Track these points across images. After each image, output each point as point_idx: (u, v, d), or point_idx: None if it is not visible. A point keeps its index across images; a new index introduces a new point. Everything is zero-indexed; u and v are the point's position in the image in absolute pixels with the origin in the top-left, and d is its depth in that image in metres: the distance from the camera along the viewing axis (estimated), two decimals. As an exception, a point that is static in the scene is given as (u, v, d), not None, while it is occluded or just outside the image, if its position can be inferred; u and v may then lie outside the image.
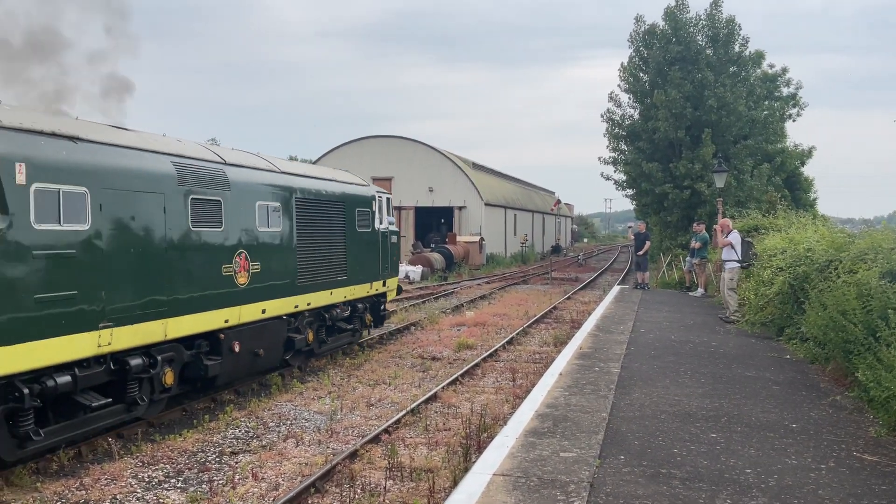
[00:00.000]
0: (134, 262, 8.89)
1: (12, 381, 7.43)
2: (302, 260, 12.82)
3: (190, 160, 10.28)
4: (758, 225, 21.08)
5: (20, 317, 7.33)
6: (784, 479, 5.96)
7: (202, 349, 10.53)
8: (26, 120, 7.86)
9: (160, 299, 9.28)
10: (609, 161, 37.36)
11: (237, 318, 10.98)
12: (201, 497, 7.56)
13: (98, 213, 8.33)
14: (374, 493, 7.55)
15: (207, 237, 10.32)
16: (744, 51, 34.85)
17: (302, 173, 13.61)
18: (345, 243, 14.50)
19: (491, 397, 11.72)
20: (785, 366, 10.84)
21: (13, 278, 7.26)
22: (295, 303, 12.67)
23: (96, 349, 8.30)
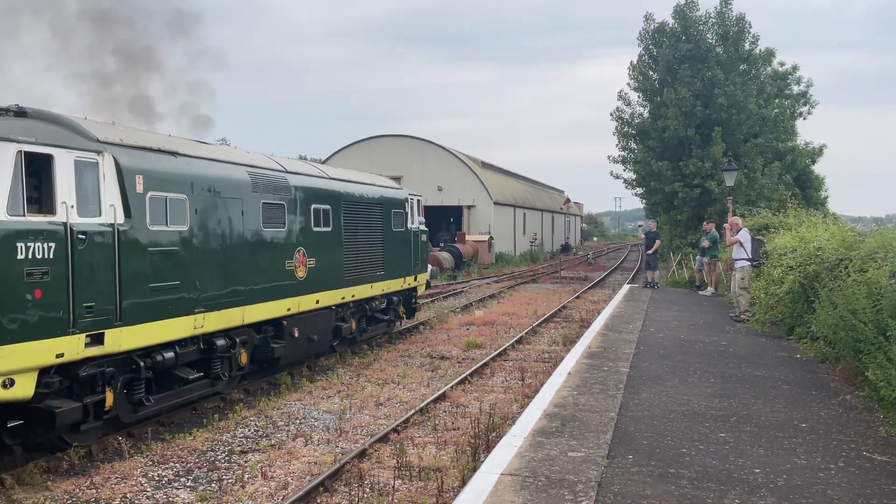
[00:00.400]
0: (220, 257, 10.41)
1: (131, 356, 8.91)
2: (348, 256, 14.28)
3: (260, 169, 11.86)
4: (768, 223, 20.99)
5: (140, 302, 8.83)
6: (793, 478, 5.94)
7: (269, 334, 11.93)
8: (141, 139, 9.50)
9: (240, 289, 10.82)
10: (618, 160, 37.30)
11: (297, 308, 12.45)
12: (211, 496, 7.59)
13: (194, 216, 9.88)
14: (382, 493, 7.57)
15: (274, 236, 11.83)
16: (754, 49, 34.72)
17: (346, 178, 15.16)
18: (382, 241, 15.96)
19: (500, 396, 11.72)
20: (795, 365, 10.80)
21: (134, 270, 8.78)
22: (342, 295, 14.13)
23: (192, 331, 9.84)
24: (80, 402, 8.22)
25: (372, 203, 15.60)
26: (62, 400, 8.08)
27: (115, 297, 8.47)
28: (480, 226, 45.95)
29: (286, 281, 12.08)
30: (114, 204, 8.56)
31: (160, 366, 9.36)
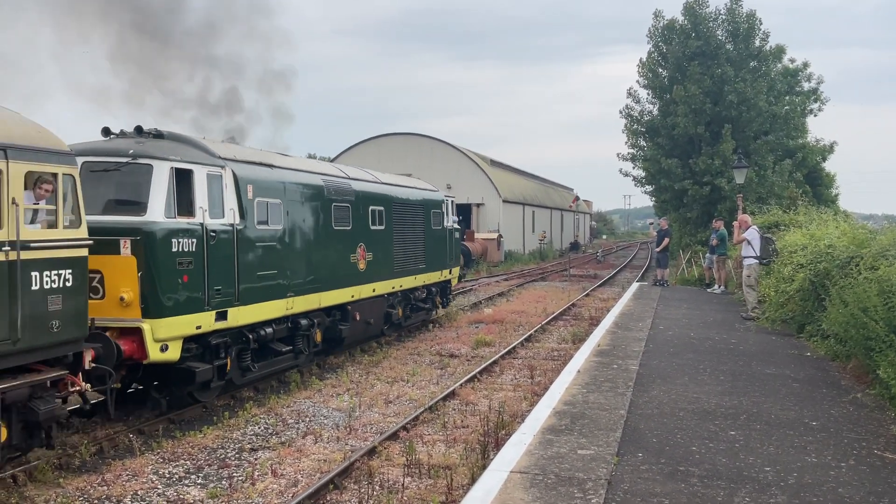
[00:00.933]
0: (304, 250, 12.42)
1: (242, 330, 10.83)
2: (397, 251, 16.25)
3: (330, 177, 13.93)
4: (778, 221, 20.91)
5: (251, 287, 10.82)
6: (804, 477, 5.92)
7: (336, 317, 13.83)
8: (248, 154, 11.68)
9: (318, 278, 12.76)
10: (628, 157, 37.17)
11: (358, 295, 14.43)
12: (221, 493, 7.63)
13: (286, 217, 11.89)
14: (392, 490, 7.58)
15: (342, 234, 13.84)
16: (764, 45, 34.52)
17: (395, 183, 17.33)
18: (424, 238, 17.91)
19: (509, 394, 11.72)
20: (805, 363, 10.76)
21: (247, 261, 10.81)
22: (392, 285, 16.11)
23: (284, 311, 11.78)
24: (211, 365, 10.27)
25: (416, 204, 17.73)
26: (198, 363, 10.04)
27: (235, 282, 10.53)
28: (489, 224, 45.93)
29: (351, 272, 14.13)
30: (233, 208, 10.60)
31: (262, 339, 11.33)
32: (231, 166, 10.75)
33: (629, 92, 36.55)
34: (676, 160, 33.60)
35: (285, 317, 11.90)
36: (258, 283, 11.02)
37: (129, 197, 9.57)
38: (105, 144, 10.09)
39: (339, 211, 13.71)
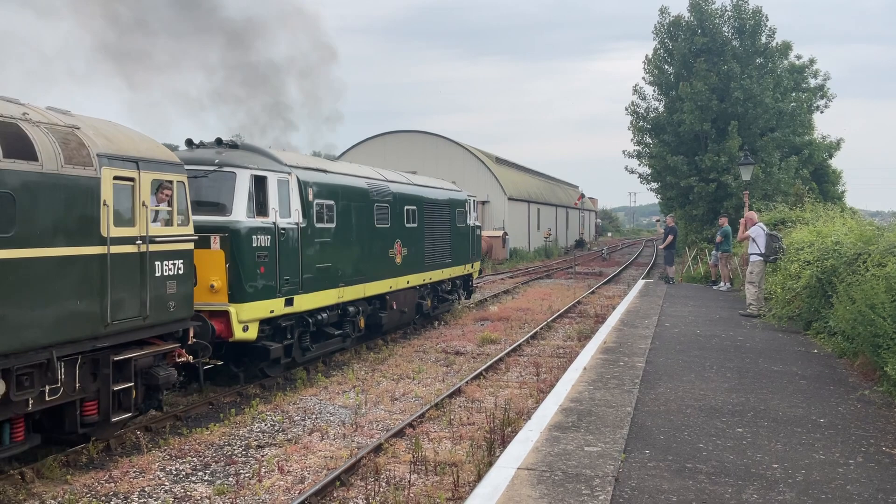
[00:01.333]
0: (352, 246, 14.06)
1: (303, 315, 12.40)
2: (427, 247, 17.89)
3: (372, 180, 15.58)
4: (785, 218, 20.85)
5: (311, 277, 12.47)
6: (811, 474, 5.90)
7: (376, 306, 15.36)
8: (308, 161, 13.53)
9: (363, 270, 14.37)
10: (633, 154, 37.18)
11: (395, 286, 16.04)
12: (228, 490, 7.64)
13: (338, 216, 13.51)
14: (398, 487, 7.59)
15: (382, 231, 15.43)
16: (770, 42, 34.48)
17: (426, 184, 19.02)
18: (450, 235, 19.58)
19: (515, 392, 11.72)
20: (812, 360, 10.72)
21: (309, 255, 12.42)
22: (423, 277, 17.69)
23: (336, 299, 13.42)
24: (281, 344, 11.84)
25: (443, 204, 19.37)
26: (271, 342, 11.61)
27: (299, 273, 12.12)
28: (494, 221, 45.90)
29: (389, 265, 15.74)
30: (297, 209, 12.22)
31: (318, 323, 12.88)
32: (295, 172, 12.49)
33: (635, 89, 36.55)
34: (682, 157, 33.56)
35: (336, 304, 13.54)
36: (317, 275, 12.68)
37: (215, 199, 11.08)
38: (191, 154, 11.64)
39: (380, 210, 15.37)
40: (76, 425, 8.12)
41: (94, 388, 8.21)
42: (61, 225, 7.65)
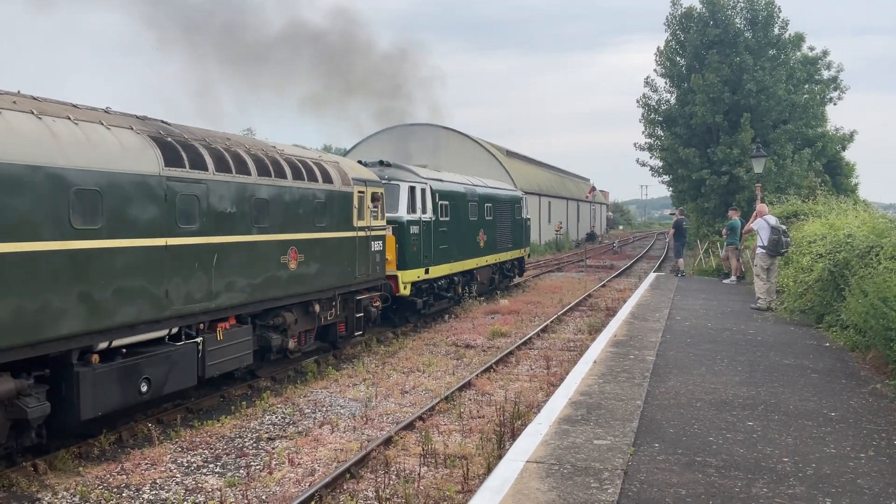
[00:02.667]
0: (457, 234, 19.53)
1: (431, 281, 17.71)
2: (497, 234, 23.37)
3: (466, 185, 21.34)
4: (797, 210, 20.73)
5: (437, 254, 17.82)
6: (822, 467, 5.88)
7: (468, 278, 20.90)
8: (435, 174, 19.03)
9: (462, 251, 20.04)
10: (645, 147, 36.97)
11: (478, 264, 21.66)
12: (239, 482, 7.68)
13: (450, 212, 18.89)
14: (408, 480, 7.61)
15: (473, 223, 20.97)
16: (783, 33, 34.19)
17: (495, 187, 25.16)
18: (511, 226, 25.15)
19: (525, 385, 11.72)
20: (824, 353, 10.67)
21: (436, 240, 17.84)
22: (495, 258, 23.39)
23: (448, 271, 18.83)
24: (421, 299, 17.41)
25: (507, 201, 25.14)
26: (415, 298, 17.06)
27: (431, 252, 17.64)
28: (505, 214, 45.78)
29: (476, 248, 21.27)
30: (430, 208, 17.78)
31: (438, 287, 18.47)
32: (429, 182, 18.05)
33: (647, 81, 36.33)
34: (694, 150, 33.38)
35: (448, 275, 19.03)
36: (439, 253, 18.16)
37: (389, 203, 16.19)
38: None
39: (471, 207, 20.95)
40: (336, 337, 13.88)
41: (345, 315, 13.86)
42: (340, 220, 13.22)
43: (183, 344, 9.35)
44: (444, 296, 18.96)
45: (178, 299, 9.07)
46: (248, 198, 10.53)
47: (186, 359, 9.35)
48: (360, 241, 13.83)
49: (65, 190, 7.51)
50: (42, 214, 7.26)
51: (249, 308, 10.73)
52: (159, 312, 8.80)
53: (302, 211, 11.89)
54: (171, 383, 9.08)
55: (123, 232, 8.27)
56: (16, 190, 6.98)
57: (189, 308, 9.31)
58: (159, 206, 8.80)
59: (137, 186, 8.49)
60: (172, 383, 9.12)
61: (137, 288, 8.45)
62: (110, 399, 8.18)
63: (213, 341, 9.91)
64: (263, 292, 10.88)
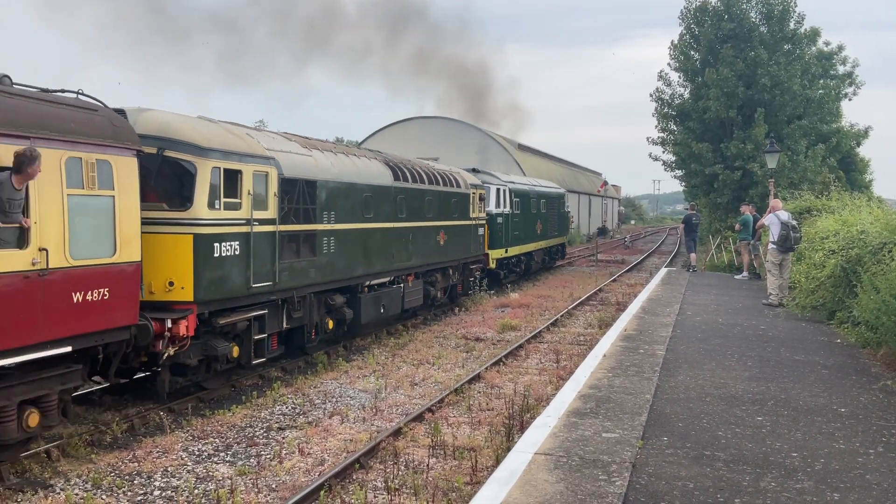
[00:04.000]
0: (524, 223, 25.25)
1: (508, 259, 23.76)
2: (548, 224, 29.43)
3: (530, 185, 27.75)
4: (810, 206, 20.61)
5: (512, 238, 23.90)
6: (831, 463, 5.87)
7: (529, 258, 26.56)
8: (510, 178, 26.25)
9: (526, 237, 25.66)
10: (658, 141, 36.78)
11: (535, 248, 27.33)
12: (249, 471, 7.74)
13: (520, 206, 24.77)
14: (417, 471, 7.65)
15: (533, 214, 26.67)
16: (799, 28, 33.89)
17: (547, 186, 31.56)
18: (557, 218, 31.50)
19: (534, 378, 11.74)
20: (835, 350, 10.64)
21: (513, 227, 23.97)
22: (546, 244, 29.43)
23: (518, 252, 24.59)
24: (502, 272, 23.40)
25: (555, 198, 31.67)
26: (500, 270, 22.99)
27: (509, 237, 22.98)
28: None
29: (535, 235, 27.18)
30: (509, 203, 23.22)
31: (513, 263, 24.07)
32: (507, 185, 23.82)
33: (660, 75, 36.12)
34: (707, 144, 33.19)
35: (518, 254, 24.92)
36: (514, 238, 23.95)
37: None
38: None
39: (532, 203, 26.75)
40: (456, 294, 19.52)
41: (459, 280, 19.33)
42: (463, 212, 19.03)
43: (396, 287, 15.38)
44: (515, 270, 25.12)
45: (396, 260, 15.20)
46: (422, 198, 16.59)
47: (397, 295, 15.45)
48: (473, 227, 20.07)
49: (360, 195, 13.57)
50: (352, 208, 13.23)
51: (421, 269, 16.78)
52: (388, 266, 14.81)
53: (446, 206, 18.02)
54: (391, 308, 15.14)
55: (379, 219, 14.35)
56: (346, 195, 13.02)
57: (399, 265, 15.37)
58: (391, 205, 14.92)
59: (384, 192, 14.62)
60: (391, 308, 15.17)
61: (382, 252, 14.52)
62: (370, 313, 14.19)
63: (407, 287, 16.00)
64: (428, 259, 17.06)
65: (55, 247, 7.22)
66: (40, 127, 7.20)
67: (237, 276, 10.02)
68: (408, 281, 15.91)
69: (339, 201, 12.69)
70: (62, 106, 7.74)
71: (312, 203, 11.86)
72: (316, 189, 11.97)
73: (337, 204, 12.62)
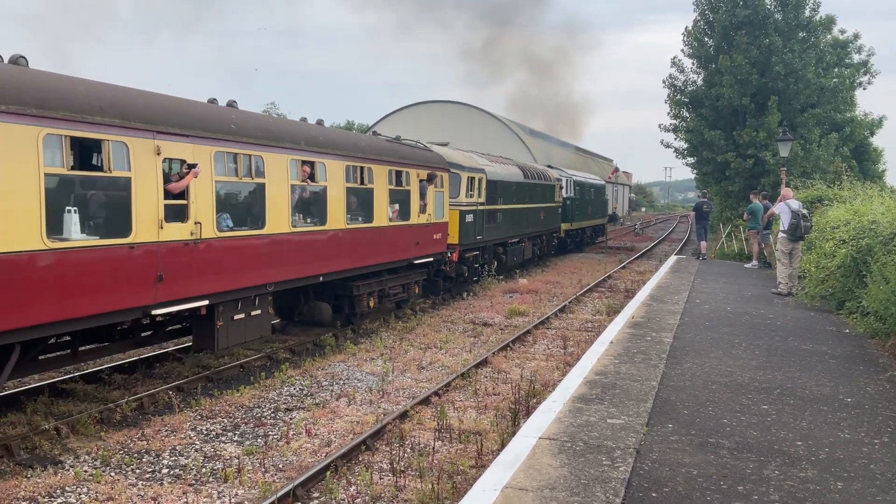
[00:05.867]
0: (580, 206, 34.12)
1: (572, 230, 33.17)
2: (594, 208, 37.54)
3: (584, 178, 37.00)
4: (822, 196, 20.50)
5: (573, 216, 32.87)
6: (836, 452, 5.88)
7: (584, 232, 35.84)
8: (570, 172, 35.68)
9: (581, 217, 34.65)
10: (670, 128, 36.62)
11: (588, 225, 36.54)
12: (257, 450, 7.81)
13: (576, 193, 33.42)
14: (423, 453, 7.70)
15: (586, 200, 35.59)
16: (814, 15, 33.58)
17: (593, 178, 39.97)
18: (600, 203, 39.19)
19: (541, 364, 11.77)
20: (843, 340, 10.61)
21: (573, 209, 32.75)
22: (593, 222, 37.49)
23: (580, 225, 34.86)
24: (570, 239, 33.46)
25: (599, 187, 39.43)
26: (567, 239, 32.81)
27: (573, 215, 32.57)
28: (527, 194, 45.81)
29: (586, 215, 35.27)
30: (572, 191, 32.52)
31: (576, 234, 34.26)
32: (571, 177, 32.70)
33: (673, 61, 35.91)
34: (720, 132, 33.02)
35: (577, 229, 33.24)
36: (573, 215, 32.08)
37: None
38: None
39: (585, 191, 34.67)
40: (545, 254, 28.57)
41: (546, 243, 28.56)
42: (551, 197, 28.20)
43: (521, 245, 24.06)
44: (575, 240, 33.67)
45: (522, 228, 24.00)
46: (534, 188, 25.41)
47: (521, 250, 24.03)
48: (556, 208, 29.11)
49: (511, 187, 22.91)
50: (508, 195, 22.46)
51: (531, 235, 25.50)
52: (518, 232, 23.52)
53: (544, 194, 26.81)
54: (518, 258, 23.84)
55: (517, 202, 23.29)
56: (505, 188, 22.35)
57: (523, 232, 24.03)
58: (521, 193, 23.77)
59: (519, 186, 23.70)
60: (519, 258, 23.85)
61: (517, 222, 23.28)
62: (511, 259, 22.87)
63: (525, 246, 24.63)
64: (536, 229, 26.00)
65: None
66: (438, 164, 16.85)
67: (473, 232, 19.38)
68: (526, 242, 24.75)
69: (503, 191, 21.96)
70: (420, 151, 16.52)
71: (495, 193, 21.17)
72: (496, 185, 21.37)
73: (503, 193, 21.94)
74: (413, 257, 15.22)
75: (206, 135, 9.32)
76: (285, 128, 11.51)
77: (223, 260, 9.60)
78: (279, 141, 10.77)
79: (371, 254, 13.46)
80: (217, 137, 9.50)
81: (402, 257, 14.76)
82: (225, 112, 10.18)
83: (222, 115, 9.97)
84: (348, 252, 12.58)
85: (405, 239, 14.77)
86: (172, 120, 8.78)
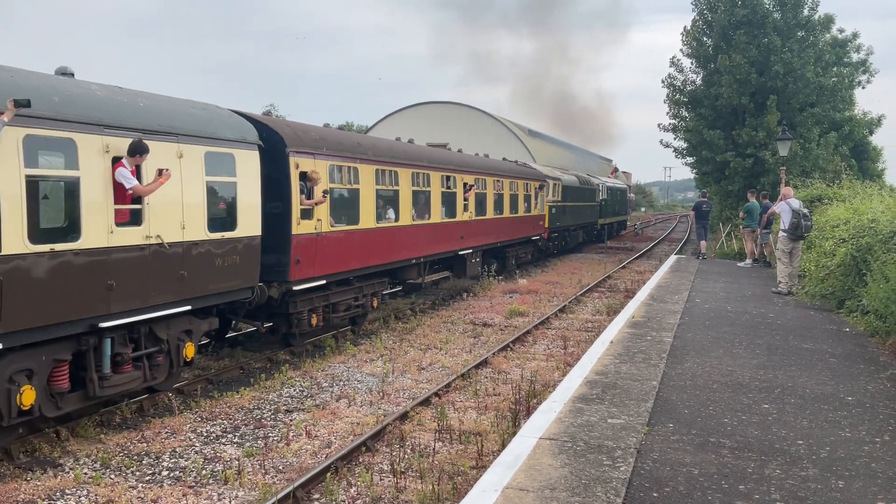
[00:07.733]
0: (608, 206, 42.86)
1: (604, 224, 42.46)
2: (618, 206, 47.05)
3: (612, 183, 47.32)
4: (821, 194, 20.50)
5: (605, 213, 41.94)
6: (836, 451, 5.87)
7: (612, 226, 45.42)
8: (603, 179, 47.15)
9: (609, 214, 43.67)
10: (669, 128, 36.59)
11: (615, 220, 47.07)
12: (257, 452, 7.80)
13: (608, 196, 42.73)
14: (423, 454, 7.69)
15: (614, 200, 45.34)
16: (813, 15, 33.57)
17: (614, 181, 49.21)
18: (622, 203, 49.08)
19: (541, 364, 11.75)
20: (843, 338, 10.60)
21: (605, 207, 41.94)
22: (618, 219, 48.22)
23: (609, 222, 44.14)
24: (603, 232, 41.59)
25: (623, 190, 49.76)
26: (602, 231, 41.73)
27: (605, 213, 41.72)
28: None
29: (614, 212, 45.01)
30: (606, 194, 41.89)
31: (606, 228, 42.21)
32: (605, 182, 43.00)
33: (672, 61, 35.87)
34: (719, 131, 33.00)
35: (607, 223, 42.31)
36: (606, 213, 41.62)
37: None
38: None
39: (613, 192, 44.40)
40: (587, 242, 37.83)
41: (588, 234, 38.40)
42: (591, 198, 37.83)
43: (575, 232, 34.04)
44: (609, 233, 40.41)
45: (577, 220, 33.97)
46: (585, 190, 35.54)
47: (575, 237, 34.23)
48: (596, 206, 37.08)
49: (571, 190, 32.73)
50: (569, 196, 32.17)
51: (580, 225, 34.68)
52: (576, 223, 33.86)
53: (590, 195, 36.45)
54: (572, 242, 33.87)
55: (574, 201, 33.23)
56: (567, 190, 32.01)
57: (577, 223, 34.02)
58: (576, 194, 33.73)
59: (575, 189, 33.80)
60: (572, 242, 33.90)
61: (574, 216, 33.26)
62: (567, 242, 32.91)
63: (577, 234, 34.36)
64: (584, 221, 35.46)
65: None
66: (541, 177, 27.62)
67: (554, 221, 28.41)
68: (579, 230, 33.70)
69: (568, 193, 30.95)
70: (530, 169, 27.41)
71: (564, 194, 30.16)
72: (566, 189, 30.38)
73: (569, 194, 30.91)
74: (531, 235, 25.50)
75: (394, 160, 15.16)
76: (458, 158, 19.57)
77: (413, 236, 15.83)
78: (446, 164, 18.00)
79: (514, 232, 23.28)
80: (408, 163, 15.62)
81: (527, 235, 24.98)
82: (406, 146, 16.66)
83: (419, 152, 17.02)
84: (504, 232, 22.04)
85: (529, 224, 25.06)
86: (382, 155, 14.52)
